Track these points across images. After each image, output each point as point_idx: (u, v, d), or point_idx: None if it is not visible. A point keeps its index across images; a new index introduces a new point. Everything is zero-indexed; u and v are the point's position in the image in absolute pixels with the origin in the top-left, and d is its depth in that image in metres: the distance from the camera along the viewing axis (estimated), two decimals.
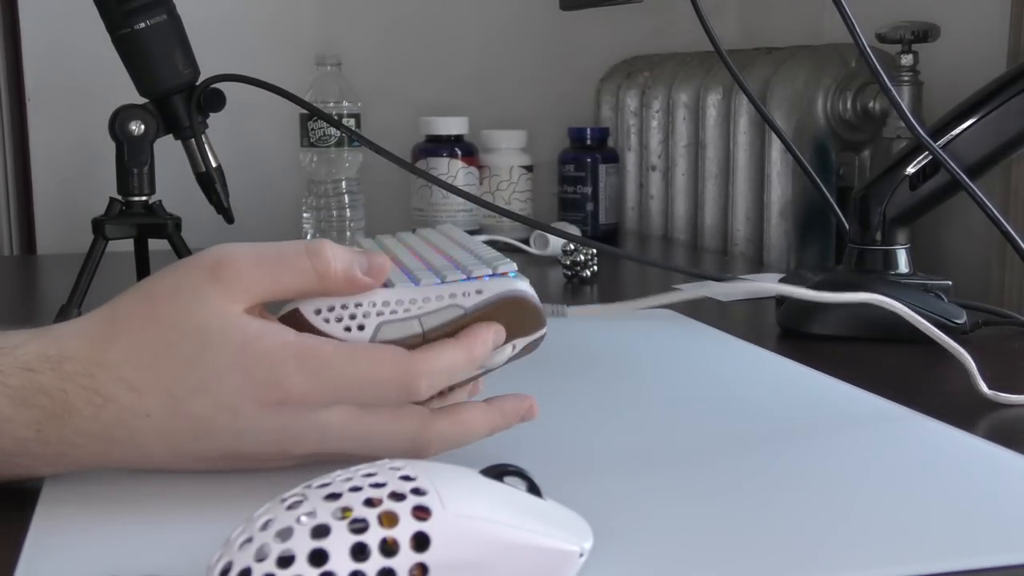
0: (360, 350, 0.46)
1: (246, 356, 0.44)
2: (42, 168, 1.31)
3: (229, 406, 0.44)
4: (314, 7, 1.38)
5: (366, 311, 0.47)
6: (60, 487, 0.47)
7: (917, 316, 0.64)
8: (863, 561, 0.40)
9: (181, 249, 0.91)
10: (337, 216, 1.22)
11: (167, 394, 0.44)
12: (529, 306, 0.50)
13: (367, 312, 0.47)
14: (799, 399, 0.61)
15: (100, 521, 0.44)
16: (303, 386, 0.44)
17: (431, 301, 0.49)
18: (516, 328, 0.50)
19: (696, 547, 0.41)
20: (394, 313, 0.48)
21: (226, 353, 0.44)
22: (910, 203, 0.80)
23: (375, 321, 0.47)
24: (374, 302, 0.48)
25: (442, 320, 0.48)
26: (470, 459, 0.40)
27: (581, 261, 0.99)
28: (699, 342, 0.75)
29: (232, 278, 0.46)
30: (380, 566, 0.34)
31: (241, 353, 0.44)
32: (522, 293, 0.50)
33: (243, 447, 0.46)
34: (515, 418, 0.50)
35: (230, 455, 0.46)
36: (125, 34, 0.89)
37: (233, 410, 0.44)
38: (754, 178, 1.16)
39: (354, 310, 0.47)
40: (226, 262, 0.47)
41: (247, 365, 0.44)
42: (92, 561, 0.40)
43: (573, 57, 1.46)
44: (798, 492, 0.47)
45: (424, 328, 0.48)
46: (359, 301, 0.48)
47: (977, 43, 1.04)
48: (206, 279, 0.46)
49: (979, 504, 0.46)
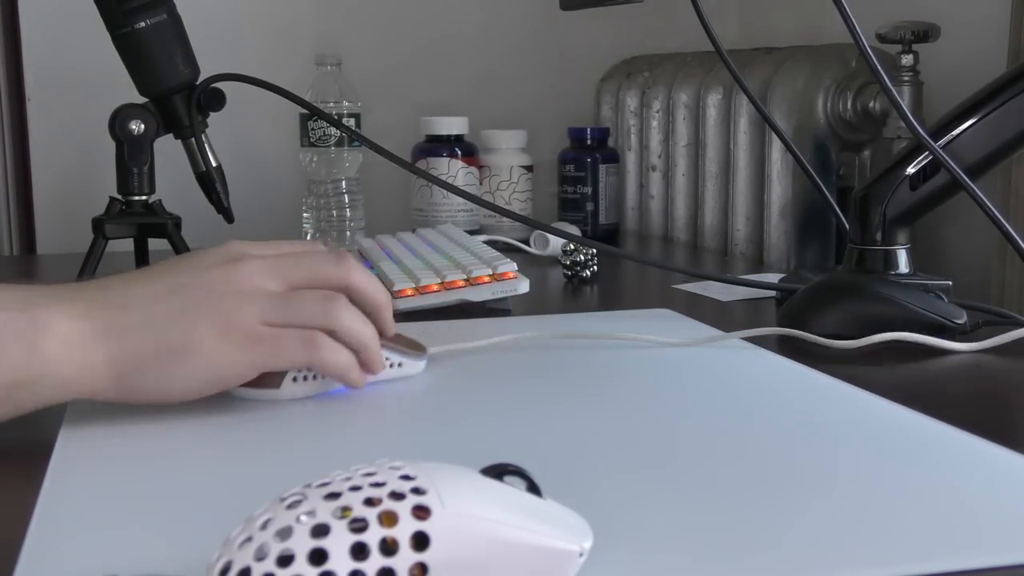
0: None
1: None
2: (42, 168, 1.31)
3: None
4: (314, 7, 1.38)
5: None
6: (60, 487, 0.47)
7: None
8: (863, 561, 0.40)
9: (181, 248, 0.91)
10: (337, 216, 1.22)
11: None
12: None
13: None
14: (798, 399, 0.61)
15: (100, 521, 0.44)
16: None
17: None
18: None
19: (696, 547, 0.41)
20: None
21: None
22: (910, 203, 0.80)
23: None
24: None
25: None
26: (470, 459, 0.40)
27: (581, 261, 0.99)
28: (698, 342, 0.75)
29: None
30: (380, 565, 0.33)
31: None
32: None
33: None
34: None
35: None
36: (125, 33, 0.89)
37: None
38: (754, 178, 1.16)
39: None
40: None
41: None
42: (92, 561, 0.40)
43: (573, 57, 1.46)
44: (797, 492, 0.47)
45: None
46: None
47: (977, 43, 1.04)
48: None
49: (979, 504, 0.46)
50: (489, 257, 0.90)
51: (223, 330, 0.54)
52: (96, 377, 0.53)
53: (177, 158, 0.95)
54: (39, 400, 0.52)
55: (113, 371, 0.53)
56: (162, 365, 0.53)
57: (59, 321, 0.52)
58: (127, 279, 0.56)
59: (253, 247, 0.59)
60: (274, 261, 0.58)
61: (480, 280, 0.85)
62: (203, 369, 0.54)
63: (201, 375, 0.55)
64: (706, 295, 0.93)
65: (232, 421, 0.57)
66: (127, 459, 0.50)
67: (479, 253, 0.92)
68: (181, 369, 0.54)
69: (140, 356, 0.53)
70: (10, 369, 0.51)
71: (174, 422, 0.56)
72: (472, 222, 1.25)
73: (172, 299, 0.55)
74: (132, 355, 0.53)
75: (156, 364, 0.53)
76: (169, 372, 0.54)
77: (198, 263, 0.57)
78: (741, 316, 0.86)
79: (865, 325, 0.75)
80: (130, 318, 0.54)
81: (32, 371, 0.51)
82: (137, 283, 0.56)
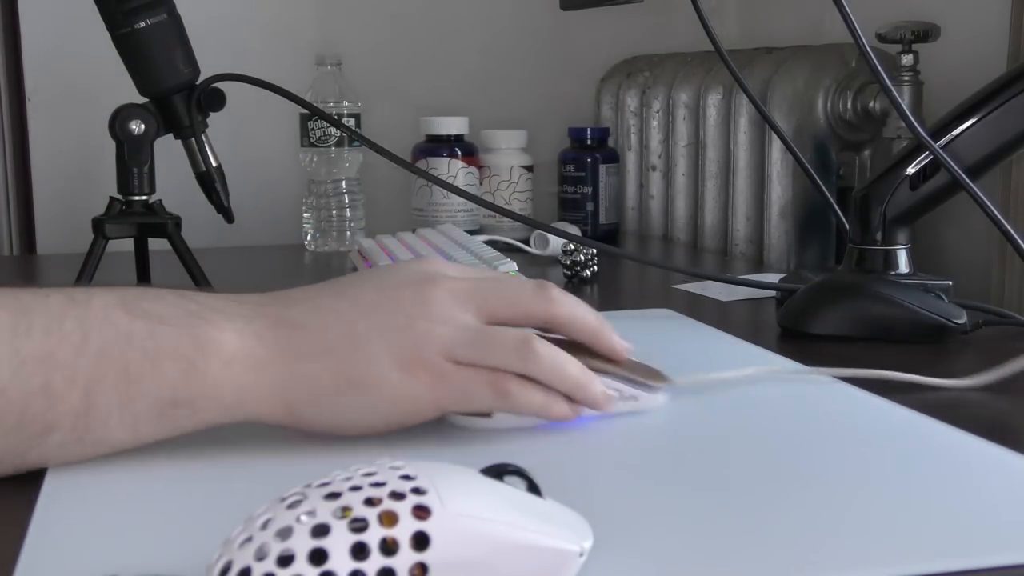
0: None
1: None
2: (42, 168, 1.31)
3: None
4: (314, 7, 1.38)
5: None
6: (60, 487, 0.47)
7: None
8: (863, 561, 0.40)
9: (181, 249, 0.91)
10: (337, 216, 1.22)
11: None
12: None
13: None
14: (798, 398, 0.61)
15: (100, 521, 0.44)
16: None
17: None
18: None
19: (696, 547, 0.41)
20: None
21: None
22: (910, 203, 0.80)
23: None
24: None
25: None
26: (470, 459, 0.40)
27: (581, 261, 0.99)
28: (698, 341, 0.75)
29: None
30: (380, 565, 0.34)
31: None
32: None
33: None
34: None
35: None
36: (125, 33, 0.89)
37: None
38: (754, 178, 1.16)
39: None
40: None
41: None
42: (92, 561, 0.40)
43: (573, 57, 1.46)
44: (797, 492, 0.47)
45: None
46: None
47: (977, 43, 1.04)
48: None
49: (979, 504, 0.46)
50: (489, 257, 0.90)
51: (408, 363, 0.50)
52: (262, 401, 0.49)
53: (177, 158, 0.95)
54: (198, 420, 0.49)
55: (283, 398, 0.49)
56: (338, 397, 0.50)
57: (228, 340, 0.49)
58: (313, 294, 0.53)
59: (445, 266, 0.55)
60: (471, 286, 0.53)
61: None
62: (382, 406, 0.50)
63: (380, 412, 0.50)
64: (706, 295, 0.93)
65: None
66: (127, 459, 0.50)
67: (479, 253, 0.92)
68: (358, 403, 0.50)
69: (314, 385, 0.49)
70: (167, 387, 0.48)
71: None
72: (472, 222, 1.25)
73: (356, 322, 0.50)
74: (306, 383, 0.49)
75: (331, 395, 0.50)
76: (344, 406, 0.50)
77: (390, 280, 0.53)
78: (741, 316, 0.86)
79: (865, 325, 0.75)
80: (307, 341, 0.50)
81: (190, 390, 0.48)
82: (322, 299, 0.52)
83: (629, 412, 0.57)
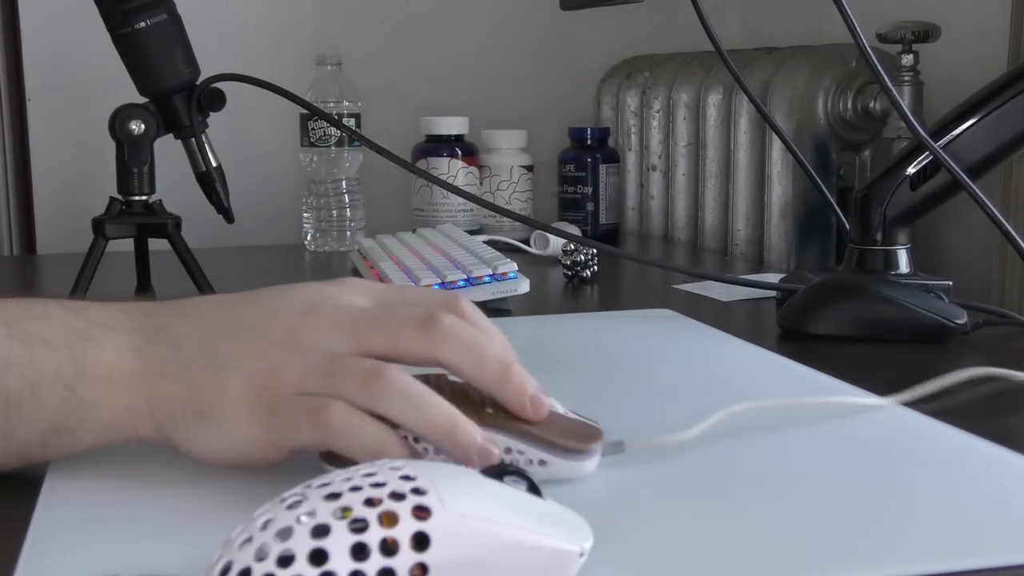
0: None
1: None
2: (42, 168, 1.31)
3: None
4: (314, 7, 1.38)
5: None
6: (59, 487, 0.47)
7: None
8: (863, 561, 0.40)
9: (181, 249, 0.91)
10: (337, 216, 1.22)
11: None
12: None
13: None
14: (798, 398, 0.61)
15: (100, 521, 0.44)
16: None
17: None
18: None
19: (696, 547, 0.41)
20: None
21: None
22: (911, 203, 0.80)
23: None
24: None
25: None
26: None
27: (581, 261, 0.99)
28: (698, 341, 0.75)
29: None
30: (380, 566, 0.34)
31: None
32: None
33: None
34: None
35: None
36: (125, 33, 0.89)
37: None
38: (754, 178, 1.16)
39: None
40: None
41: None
42: (92, 561, 0.40)
43: (573, 57, 1.46)
44: (797, 492, 0.47)
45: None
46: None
47: (977, 43, 1.04)
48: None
49: (979, 504, 0.46)
50: (489, 257, 0.90)
51: (255, 396, 0.46)
52: (137, 421, 0.47)
53: (177, 158, 0.94)
54: (83, 446, 0.48)
55: (152, 418, 0.47)
56: (187, 423, 0.47)
57: (106, 359, 0.47)
58: (202, 308, 0.50)
59: (355, 292, 0.50)
60: (352, 317, 0.48)
61: (480, 280, 0.85)
62: (226, 440, 0.47)
63: (223, 445, 0.47)
64: (706, 295, 0.93)
65: None
66: (127, 459, 0.50)
67: (479, 253, 0.92)
68: (205, 433, 0.47)
69: (171, 407, 0.47)
70: (47, 415, 0.46)
71: None
72: (472, 222, 1.25)
73: (221, 343, 0.48)
74: (165, 404, 0.47)
75: (183, 420, 0.47)
76: (194, 432, 0.47)
77: (278, 302, 0.49)
78: (741, 316, 0.86)
79: (865, 325, 0.75)
80: (175, 360, 0.47)
81: (70, 418, 0.47)
82: (207, 314, 0.50)
83: (544, 479, 0.44)
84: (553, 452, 0.47)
